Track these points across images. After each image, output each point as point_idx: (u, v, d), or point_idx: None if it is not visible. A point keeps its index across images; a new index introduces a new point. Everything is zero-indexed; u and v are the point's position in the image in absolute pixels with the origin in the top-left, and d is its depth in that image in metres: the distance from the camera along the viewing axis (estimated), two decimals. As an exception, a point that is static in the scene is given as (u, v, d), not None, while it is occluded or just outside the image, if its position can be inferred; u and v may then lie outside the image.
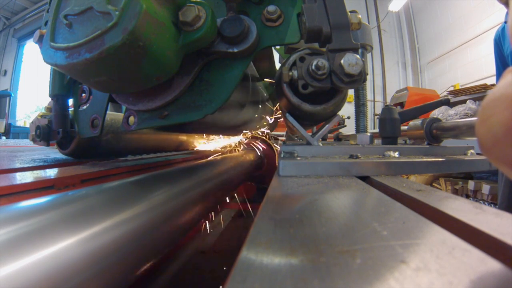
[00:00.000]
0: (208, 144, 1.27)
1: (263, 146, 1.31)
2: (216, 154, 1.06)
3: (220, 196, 0.67)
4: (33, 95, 9.92)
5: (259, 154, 1.28)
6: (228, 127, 0.74)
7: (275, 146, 1.30)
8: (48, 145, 0.74)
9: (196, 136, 1.23)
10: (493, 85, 2.67)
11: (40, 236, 0.20)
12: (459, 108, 2.61)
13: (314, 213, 0.24)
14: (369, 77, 3.87)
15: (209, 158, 0.76)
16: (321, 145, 0.53)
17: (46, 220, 0.21)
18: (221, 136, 1.21)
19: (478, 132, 0.17)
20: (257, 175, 1.28)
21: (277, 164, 0.50)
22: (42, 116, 0.76)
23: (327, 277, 0.14)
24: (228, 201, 1.42)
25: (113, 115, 0.76)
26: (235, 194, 1.37)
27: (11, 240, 0.18)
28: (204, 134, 1.20)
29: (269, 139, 1.31)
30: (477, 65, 4.29)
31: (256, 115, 0.87)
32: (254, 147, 1.31)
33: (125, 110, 0.49)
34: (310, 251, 0.17)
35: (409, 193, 0.31)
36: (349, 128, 1.65)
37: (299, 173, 0.42)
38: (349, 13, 0.46)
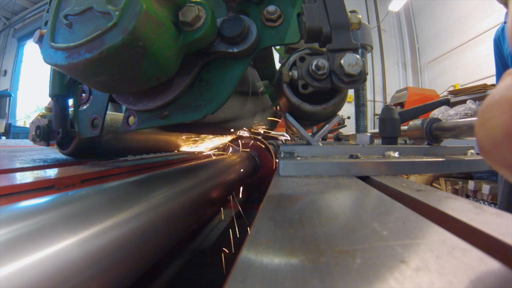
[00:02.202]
0: (206, 144, 1.26)
1: (260, 148, 1.28)
2: (215, 155, 1.06)
3: (220, 196, 0.67)
4: (33, 95, 9.94)
5: (256, 158, 1.25)
6: (228, 127, 0.74)
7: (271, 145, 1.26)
8: (48, 145, 0.74)
9: (192, 137, 1.22)
10: (493, 85, 2.67)
11: (40, 236, 0.20)
12: (459, 108, 2.61)
13: (314, 213, 0.24)
14: (369, 77, 3.86)
15: (209, 159, 0.76)
16: (321, 145, 0.53)
17: (46, 220, 0.21)
18: (218, 136, 1.20)
19: (477, 135, 0.17)
20: (253, 182, 1.24)
21: (275, 167, 0.50)
22: (42, 116, 0.76)
23: (327, 277, 0.14)
24: (228, 201, 1.41)
25: (113, 115, 0.76)
26: (235, 194, 1.37)
27: (11, 240, 0.18)
28: (203, 135, 1.20)
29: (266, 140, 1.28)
30: (477, 65, 4.30)
31: (256, 115, 0.87)
32: (252, 148, 1.29)
33: (125, 110, 0.49)
34: (310, 251, 0.17)
35: (409, 193, 0.31)
36: (349, 128, 1.66)
37: (299, 173, 0.42)
38: (349, 13, 0.46)
